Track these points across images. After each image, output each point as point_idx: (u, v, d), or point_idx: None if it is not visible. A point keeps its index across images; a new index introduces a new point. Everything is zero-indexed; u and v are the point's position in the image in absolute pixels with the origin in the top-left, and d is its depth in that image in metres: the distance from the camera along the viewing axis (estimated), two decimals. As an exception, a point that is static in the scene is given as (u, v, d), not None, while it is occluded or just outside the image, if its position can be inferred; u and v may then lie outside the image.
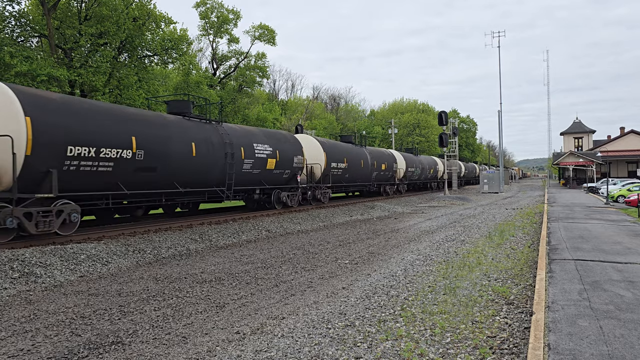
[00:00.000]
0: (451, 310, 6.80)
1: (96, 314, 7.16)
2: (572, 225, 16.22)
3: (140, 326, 6.59)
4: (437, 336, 5.76)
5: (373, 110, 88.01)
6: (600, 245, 11.68)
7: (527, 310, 6.75)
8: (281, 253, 12.56)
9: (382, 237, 15.52)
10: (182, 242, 13.50)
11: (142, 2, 29.13)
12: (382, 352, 5.31)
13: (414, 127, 77.08)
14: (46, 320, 6.90)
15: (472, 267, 9.81)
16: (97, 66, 26.09)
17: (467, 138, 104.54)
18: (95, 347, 5.82)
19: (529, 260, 10.54)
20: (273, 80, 71.50)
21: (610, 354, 4.76)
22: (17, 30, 25.96)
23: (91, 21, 26.73)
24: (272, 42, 41.76)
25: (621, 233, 14.11)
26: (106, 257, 11.12)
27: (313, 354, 5.31)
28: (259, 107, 49.64)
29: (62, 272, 9.76)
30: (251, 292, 8.46)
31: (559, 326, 5.59)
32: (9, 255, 9.80)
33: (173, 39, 30.82)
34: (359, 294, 7.87)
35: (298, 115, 58.62)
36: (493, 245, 12.82)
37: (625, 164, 58.32)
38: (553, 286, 7.56)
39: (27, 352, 5.65)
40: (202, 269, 10.59)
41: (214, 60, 43.05)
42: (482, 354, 5.21)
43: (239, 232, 15.64)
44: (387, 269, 10.03)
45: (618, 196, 30.43)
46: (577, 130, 70.62)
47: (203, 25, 40.26)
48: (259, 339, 5.88)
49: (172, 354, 5.56)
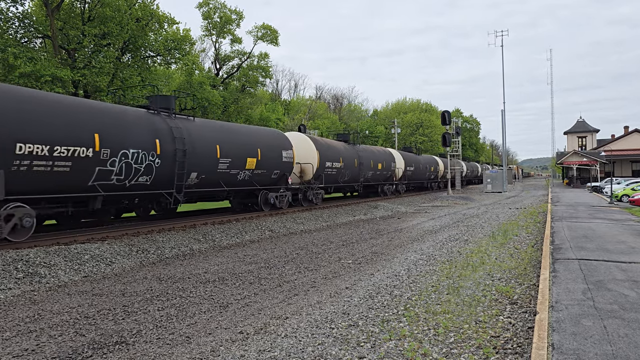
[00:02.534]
0: (455, 310, 6.80)
1: (100, 314, 7.18)
2: (576, 225, 16.17)
3: (144, 326, 6.61)
4: (441, 336, 5.76)
5: (376, 110, 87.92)
6: (604, 245, 11.64)
7: (531, 309, 6.73)
8: (284, 253, 12.57)
9: (386, 236, 15.51)
10: (185, 242, 13.52)
11: (145, 3, 29.22)
12: (385, 352, 5.30)
13: (416, 127, 77.00)
14: (50, 320, 6.92)
15: (475, 267, 9.79)
16: (100, 67, 26.16)
17: (470, 137, 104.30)
18: (100, 347, 5.84)
19: (532, 259, 10.52)
20: (276, 80, 71.61)
21: (615, 353, 4.75)
22: (21, 31, 26.05)
23: (94, 22, 26.80)
24: (275, 43, 41.77)
25: (625, 232, 14.05)
26: (110, 257, 11.15)
27: (316, 353, 5.32)
28: (261, 107, 49.67)
29: (66, 273, 9.79)
30: (254, 292, 8.47)
31: (563, 326, 5.57)
32: (13, 255, 9.85)
33: (176, 39, 30.90)
34: (363, 294, 7.87)
35: (301, 115, 58.68)
36: (497, 244, 12.80)
37: (629, 163, 58.10)
38: (557, 286, 7.54)
39: (31, 352, 5.67)
40: (206, 269, 10.61)
41: (216, 61, 43.10)
42: (485, 353, 5.20)
43: (242, 232, 15.66)
44: (391, 268, 10.03)
45: (622, 195, 30.32)
46: (580, 129, 70.39)
47: (206, 25, 40.30)
48: (263, 339, 5.88)
49: (175, 354, 5.57)
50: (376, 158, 31.68)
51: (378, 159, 31.88)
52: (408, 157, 38.95)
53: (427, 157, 47.49)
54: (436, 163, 47.62)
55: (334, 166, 25.38)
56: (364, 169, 29.62)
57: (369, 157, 30.52)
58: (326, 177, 24.77)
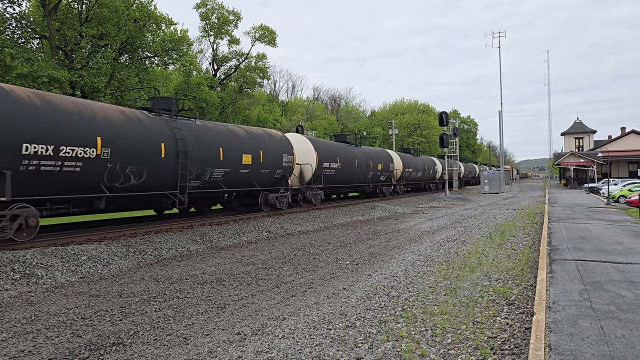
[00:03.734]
0: (452, 310, 6.80)
1: (97, 315, 7.16)
2: (573, 226, 16.20)
3: (141, 327, 6.60)
4: (438, 337, 5.76)
5: (374, 111, 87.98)
6: (601, 246, 11.67)
7: (528, 310, 6.74)
8: (282, 254, 12.56)
9: (383, 237, 15.51)
10: (182, 243, 13.51)
11: (142, 3, 29.18)
12: (383, 352, 5.30)
13: (414, 128, 77.03)
14: (47, 321, 6.90)
15: (473, 268, 9.80)
16: (98, 67, 26.12)
17: (468, 138, 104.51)
18: (96, 348, 5.82)
19: (529, 260, 10.54)
20: (273, 81, 71.65)
21: (612, 354, 4.76)
22: (18, 31, 25.97)
23: (92, 22, 26.75)
24: (273, 44, 41.78)
25: (622, 233, 14.09)
26: (107, 258, 11.13)
27: (314, 354, 5.31)
28: (259, 108, 49.68)
29: (63, 274, 9.77)
30: (252, 293, 8.46)
31: (560, 326, 5.58)
32: (10, 256, 9.82)
33: (173, 40, 30.86)
34: (360, 295, 7.87)
35: (298, 116, 58.66)
36: (494, 245, 12.81)
37: (626, 164, 58.27)
38: (554, 286, 7.55)
39: (28, 354, 5.65)
40: (203, 269, 10.59)
41: (214, 62, 43.07)
42: (483, 354, 5.20)
43: (239, 233, 15.64)
44: (388, 269, 10.03)
45: (619, 196, 30.40)
46: (577, 130, 70.59)
47: (203, 26, 40.29)
48: (260, 340, 5.88)
49: (173, 355, 5.56)
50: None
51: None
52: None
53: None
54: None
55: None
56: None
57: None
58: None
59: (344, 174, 27.11)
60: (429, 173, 45.92)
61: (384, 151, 35.87)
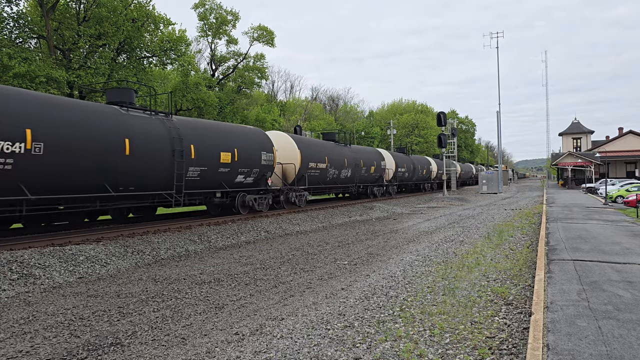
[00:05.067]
0: (450, 310, 6.81)
1: (95, 316, 7.15)
2: (571, 226, 16.23)
3: (139, 327, 6.59)
4: (436, 337, 5.77)
5: (372, 111, 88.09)
6: (599, 246, 11.69)
7: (526, 310, 6.75)
8: (280, 254, 12.56)
9: (381, 237, 15.52)
10: (181, 243, 13.49)
11: (140, 3, 29.18)
12: (381, 352, 5.31)
13: (412, 128, 77.09)
14: (45, 321, 6.89)
15: (471, 268, 9.81)
16: (96, 67, 26.10)
17: (466, 139, 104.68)
18: (94, 348, 5.81)
19: (527, 260, 10.55)
20: (272, 81, 71.58)
21: (609, 354, 4.77)
22: (16, 31, 25.93)
23: (90, 22, 26.74)
24: (271, 44, 41.80)
25: (620, 233, 14.12)
26: (105, 258, 11.11)
27: (312, 354, 5.31)
28: (257, 108, 49.66)
29: (60, 274, 9.75)
30: (250, 293, 8.46)
31: (558, 326, 5.59)
32: (8, 256, 9.79)
33: (172, 40, 30.88)
34: (358, 295, 7.87)
35: (297, 116, 58.71)
36: (492, 245, 12.83)
37: (623, 165, 58.41)
38: (552, 287, 7.56)
39: (25, 354, 5.64)
40: (201, 270, 10.58)
41: (212, 62, 43.07)
42: (481, 354, 5.21)
43: (237, 233, 15.63)
44: (386, 269, 10.04)
45: (617, 196, 30.47)
46: (575, 130, 70.70)
47: (202, 26, 40.27)
48: (258, 340, 5.87)
49: (171, 355, 5.56)
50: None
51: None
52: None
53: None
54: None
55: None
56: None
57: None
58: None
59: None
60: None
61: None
